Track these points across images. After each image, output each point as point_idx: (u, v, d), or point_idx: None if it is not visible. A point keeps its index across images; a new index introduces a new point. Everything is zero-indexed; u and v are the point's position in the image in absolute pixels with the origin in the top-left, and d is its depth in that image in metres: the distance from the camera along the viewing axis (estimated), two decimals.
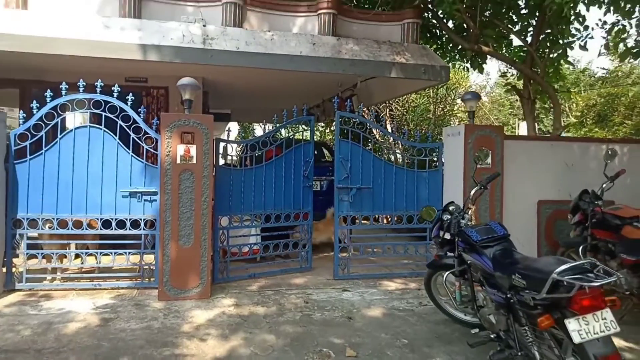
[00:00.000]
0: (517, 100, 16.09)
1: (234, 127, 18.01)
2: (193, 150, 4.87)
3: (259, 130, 19.77)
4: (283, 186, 5.87)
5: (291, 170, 5.93)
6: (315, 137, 6.63)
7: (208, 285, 4.92)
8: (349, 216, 5.74)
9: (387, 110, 10.95)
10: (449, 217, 3.88)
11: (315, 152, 9.15)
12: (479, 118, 13.37)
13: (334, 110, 9.33)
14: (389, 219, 5.88)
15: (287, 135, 6.01)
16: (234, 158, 5.82)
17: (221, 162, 5.62)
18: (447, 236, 3.88)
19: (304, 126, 6.15)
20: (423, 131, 9.97)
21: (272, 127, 5.96)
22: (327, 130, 15.26)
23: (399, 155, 9.58)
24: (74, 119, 5.07)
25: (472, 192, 4.00)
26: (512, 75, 7.89)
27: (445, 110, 10.63)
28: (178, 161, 4.83)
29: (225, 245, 5.53)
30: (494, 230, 3.51)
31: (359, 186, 5.73)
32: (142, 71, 8.20)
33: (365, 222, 6.26)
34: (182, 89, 5.04)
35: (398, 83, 8.03)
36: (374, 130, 10.64)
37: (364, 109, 5.52)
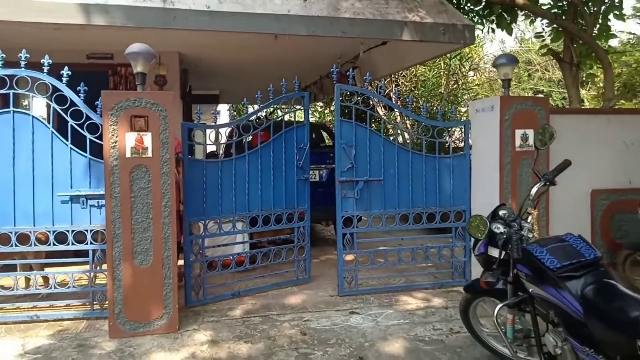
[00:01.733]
0: (531, 74, 14.76)
1: (224, 110, 16.71)
2: (147, 139, 3.67)
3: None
4: (272, 180, 4.69)
5: (282, 159, 4.75)
6: (312, 118, 5.46)
7: (175, 315, 3.77)
8: (354, 216, 4.57)
9: (393, 85, 9.69)
10: (503, 228, 2.70)
11: (313, 136, 7.97)
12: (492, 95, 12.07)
13: (334, 86, 8.15)
14: (407, 219, 4.69)
15: (275, 116, 4.80)
16: (213, 147, 4.64)
17: (198, 154, 4.44)
18: (498, 254, 2.71)
19: (297, 106, 4.88)
20: (434, 108, 8.73)
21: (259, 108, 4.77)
22: (327, 111, 13.97)
23: (407, 137, 8.37)
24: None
25: (534, 189, 2.83)
26: (546, 35, 6.61)
27: (459, 83, 9.38)
28: (128, 154, 3.65)
29: (199, 259, 4.38)
30: (578, 251, 2.35)
31: (367, 178, 4.54)
32: (106, 46, 6.96)
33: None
34: (132, 58, 3.84)
35: (409, 50, 6.77)
36: (379, 110, 9.42)
37: (368, 84, 4.25)
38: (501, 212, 2.82)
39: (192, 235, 4.35)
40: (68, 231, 3.88)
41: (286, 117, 5.06)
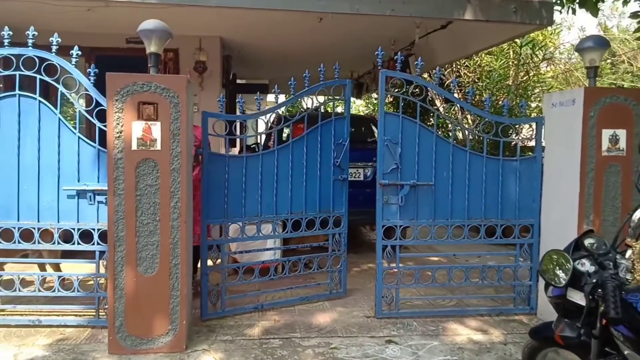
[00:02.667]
0: (615, 64, 13.21)
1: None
2: (156, 129, 3.19)
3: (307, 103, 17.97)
4: (304, 180, 4.11)
5: (316, 156, 4.15)
6: (358, 111, 4.81)
7: (182, 331, 3.29)
8: (397, 226, 3.90)
9: (454, 76, 8.80)
10: (591, 265, 1.96)
11: (362, 130, 7.32)
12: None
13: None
14: (462, 232, 3.96)
15: (328, 107, 4.20)
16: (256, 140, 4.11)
17: (234, 149, 3.92)
18: (582, 300, 1.97)
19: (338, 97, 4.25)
20: (500, 102, 7.79)
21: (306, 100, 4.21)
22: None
23: (466, 135, 7.50)
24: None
25: (637, 214, 2.05)
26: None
27: (530, 75, 8.34)
28: (134, 146, 3.18)
29: (218, 265, 3.87)
30: None
31: (414, 182, 3.85)
32: None
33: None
34: (145, 36, 3.37)
35: (472, 34, 5.97)
36: (437, 102, 8.59)
37: (422, 72, 3.53)
38: (588, 242, 2.07)
39: (210, 240, 3.86)
40: (74, 229, 3.49)
41: (327, 110, 4.46)
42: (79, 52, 3.50)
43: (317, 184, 4.18)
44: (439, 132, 3.94)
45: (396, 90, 4.26)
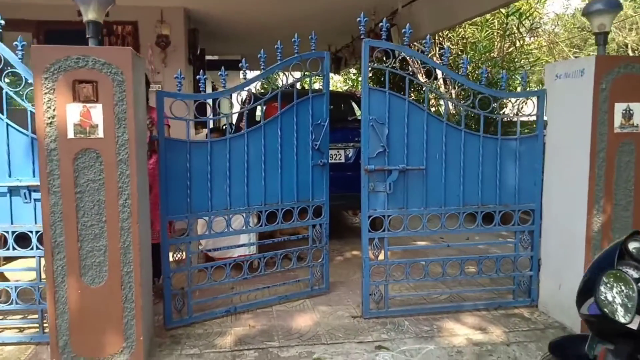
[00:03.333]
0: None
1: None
2: (96, 113, 2.65)
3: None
4: (279, 167, 3.62)
5: (292, 139, 3.66)
6: (337, 87, 4.30)
7: (140, 348, 2.82)
8: (385, 216, 3.46)
9: (437, 48, 8.33)
10: (638, 275, 1.55)
11: (342, 107, 6.82)
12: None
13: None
14: (456, 220, 3.55)
15: (285, 84, 3.70)
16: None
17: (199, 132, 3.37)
18: (631, 322, 1.56)
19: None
20: (489, 75, 7.36)
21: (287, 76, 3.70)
22: (360, 79, 12.71)
23: (451, 109, 7.08)
24: None
25: None
26: None
27: (516, 46, 7.92)
28: (71, 134, 2.64)
29: (182, 267, 3.39)
30: None
31: (404, 167, 3.39)
32: None
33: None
34: (82, 1, 2.77)
35: (457, 2, 5.51)
36: (419, 77, 8.12)
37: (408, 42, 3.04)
38: (633, 247, 1.66)
39: (172, 238, 3.36)
40: (7, 232, 2.96)
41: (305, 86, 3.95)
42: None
43: (294, 170, 3.70)
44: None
45: (381, 62, 3.77)
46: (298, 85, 3.85)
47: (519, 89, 4.70)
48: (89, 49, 2.66)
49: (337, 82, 19.19)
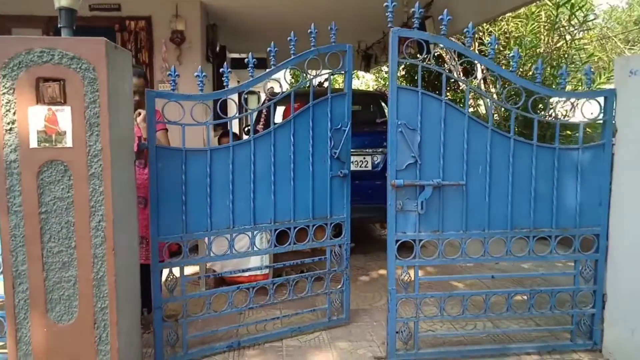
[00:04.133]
0: None
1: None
2: (64, 118, 2.19)
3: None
4: (291, 178, 3.11)
5: (307, 147, 3.14)
6: (368, 86, 3.75)
7: None
8: (416, 241, 2.89)
9: (476, 43, 7.64)
10: None
11: (370, 108, 6.25)
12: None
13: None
14: (503, 246, 2.95)
15: (309, 82, 3.20)
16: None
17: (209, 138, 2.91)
18: None
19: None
20: (531, 73, 6.64)
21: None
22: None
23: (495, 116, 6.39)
24: None
25: None
26: None
27: (567, 40, 7.14)
28: (34, 143, 2.19)
29: (175, 297, 2.92)
30: None
31: (440, 182, 2.81)
32: None
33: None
34: None
35: None
36: (455, 74, 7.46)
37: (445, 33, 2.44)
38: None
39: (163, 262, 2.89)
40: None
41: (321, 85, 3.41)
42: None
43: (309, 182, 3.18)
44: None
45: (412, 57, 3.20)
46: (316, 82, 3.32)
47: (580, 89, 4.02)
48: (55, 41, 2.21)
49: (369, 81, 18.57)
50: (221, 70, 2.95)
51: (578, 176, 2.94)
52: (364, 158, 4.89)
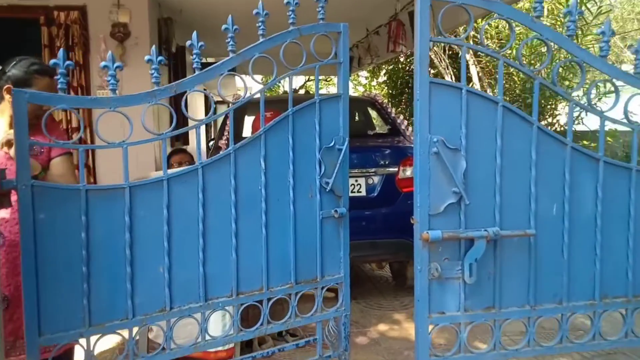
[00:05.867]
0: None
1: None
2: None
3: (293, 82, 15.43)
4: (262, 224, 2.03)
5: (285, 175, 2.08)
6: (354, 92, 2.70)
7: None
8: (462, 326, 1.84)
9: (472, 40, 6.75)
10: None
11: (357, 117, 5.25)
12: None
13: (390, 44, 5.40)
14: (591, 325, 1.92)
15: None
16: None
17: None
18: None
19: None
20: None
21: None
22: (374, 83, 10.97)
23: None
24: None
25: None
26: None
27: (577, 35, 6.35)
28: None
29: None
30: None
31: (497, 232, 1.78)
32: None
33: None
34: None
35: None
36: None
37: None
38: None
39: None
40: None
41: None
42: None
43: (289, 228, 2.11)
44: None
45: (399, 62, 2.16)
46: (292, 84, 2.26)
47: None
48: None
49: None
50: (192, 55, 1.90)
51: None
52: (356, 181, 3.85)
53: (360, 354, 3.21)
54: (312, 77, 14.45)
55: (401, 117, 4.50)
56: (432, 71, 9.35)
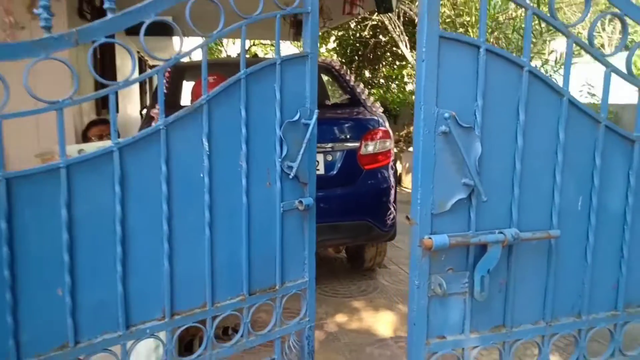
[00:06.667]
0: None
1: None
2: None
3: (234, 49, 14.56)
4: (206, 222, 1.53)
5: (235, 158, 1.57)
6: None
7: None
8: (465, 351, 1.45)
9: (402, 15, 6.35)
10: None
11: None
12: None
13: (346, 6, 4.91)
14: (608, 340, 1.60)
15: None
16: None
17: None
18: None
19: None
20: (496, 42, 5.48)
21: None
22: (323, 49, 10.34)
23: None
24: None
25: None
26: None
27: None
28: None
29: None
30: None
31: (515, 235, 1.38)
32: None
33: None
34: None
35: None
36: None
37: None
38: None
39: None
40: None
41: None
42: None
43: (240, 225, 1.62)
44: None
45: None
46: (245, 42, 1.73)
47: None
48: None
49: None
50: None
51: None
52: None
53: (319, 353, 2.80)
54: (256, 42, 13.61)
55: (361, 85, 4.03)
56: (383, 39, 8.92)
